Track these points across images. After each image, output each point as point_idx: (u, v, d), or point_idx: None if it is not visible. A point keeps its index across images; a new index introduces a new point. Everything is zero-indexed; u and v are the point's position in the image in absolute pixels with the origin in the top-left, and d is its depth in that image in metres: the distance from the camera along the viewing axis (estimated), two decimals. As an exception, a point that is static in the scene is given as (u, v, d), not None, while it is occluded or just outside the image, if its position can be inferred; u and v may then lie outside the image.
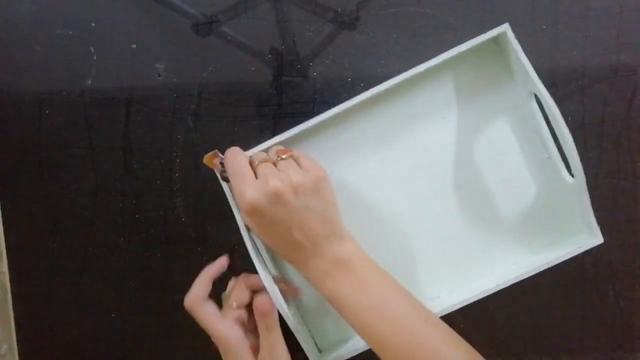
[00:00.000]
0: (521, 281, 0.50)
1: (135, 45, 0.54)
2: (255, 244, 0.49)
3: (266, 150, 0.49)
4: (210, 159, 0.48)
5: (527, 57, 0.48)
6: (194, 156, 0.55)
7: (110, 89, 0.54)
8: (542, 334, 0.56)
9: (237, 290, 0.50)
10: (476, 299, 0.50)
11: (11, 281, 0.56)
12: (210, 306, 0.48)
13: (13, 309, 0.56)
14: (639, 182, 0.55)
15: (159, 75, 0.54)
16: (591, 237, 0.50)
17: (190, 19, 0.54)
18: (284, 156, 0.46)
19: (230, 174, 0.45)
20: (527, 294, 0.55)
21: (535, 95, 0.51)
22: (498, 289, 0.50)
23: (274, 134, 0.50)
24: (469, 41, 0.49)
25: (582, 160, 0.47)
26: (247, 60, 0.54)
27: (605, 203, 0.55)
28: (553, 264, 0.50)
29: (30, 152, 0.55)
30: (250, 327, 0.49)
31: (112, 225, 0.55)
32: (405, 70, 0.53)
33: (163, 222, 0.55)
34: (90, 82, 0.54)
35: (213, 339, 0.48)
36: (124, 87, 0.54)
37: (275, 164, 0.45)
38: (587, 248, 0.50)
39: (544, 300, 0.56)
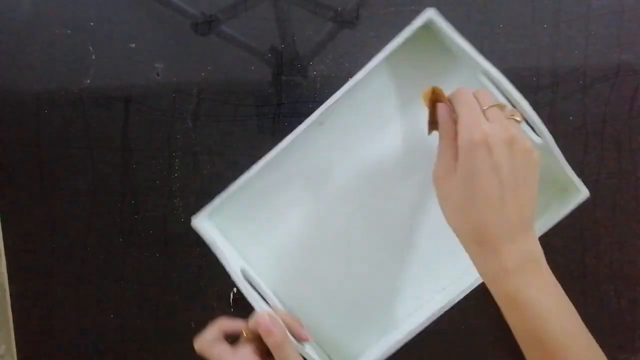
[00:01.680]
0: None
1: (134, 45, 0.54)
2: (250, 283, 0.49)
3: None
4: (431, 97, 0.44)
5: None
6: (193, 156, 0.54)
7: (109, 88, 0.54)
8: (543, 334, 0.56)
9: (250, 322, 0.47)
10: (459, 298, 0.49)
11: (10, 281, 0.56)
12: (221, 345, 0.44)
13: (12, 309, 0.56)
14: (640, 182, 0.55)
15: (158, 75, 0.54)
16: (576, 193, 0.50)
17: (189, 18, 0.54)
18: (518, 118, 0.42)
19: (459, 110, 0.41)
20: (527, 294, 0.55)
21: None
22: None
23: (273, 134, 0.50)
24: (399, 35, 0.48)
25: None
26: (246, 60, 0.54)
27: (606, 203, 0.55)
28: (549, 227, 0.49)
29: (29, 151, 0.55)
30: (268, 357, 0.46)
31: (111, 225, 0.55)
32: (406, 69, 0.53)
33: (162, 222, 0.55)
34: (89, 81, 0.54)
35: None
36: (122, 86, 0.54)
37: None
38: (574, 206, 0.49)
39: (545, 301, 0.55)
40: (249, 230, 0.53)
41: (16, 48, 0.54)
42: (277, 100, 0.54)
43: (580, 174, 0.54)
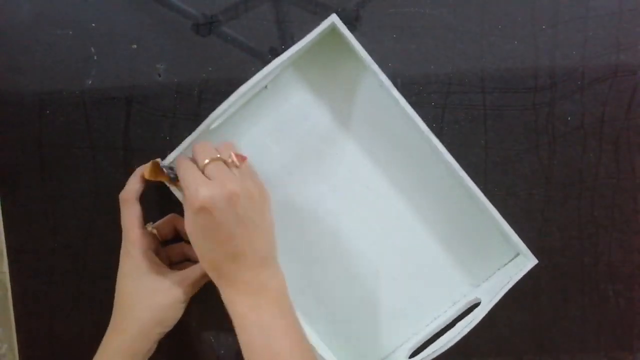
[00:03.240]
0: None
1: (135, 46, 0.54)
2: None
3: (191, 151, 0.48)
4: (154, 170, 0.48)
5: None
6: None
7: (110, 89, 0.54)
8: (542, 334, 0.56)
9: (163, 222, 0.53)
10: (447, 347, 0.49)
11: (11, 281, 0.56)
12: (139, 209, 0.49)
13: (13, 308, 0.56)
14: (638, 182, 0.55)
15: (159, 75, 0.54)
16: (525, 260, 0.51)
17: (190, 19, 0.54)
18: (240, 163, 0.46)
19: (181, 176, 0.45)
20: (527, 294, 0.55)
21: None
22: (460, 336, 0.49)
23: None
24: (302, 40, 0.49)
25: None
26: (247, 60, 0.54)
27: (604, 203, 0.55)
28: (502, 294, 0.49)
29: (30, 152, 0.55)
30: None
31: (112, 225, 0.55)
32: (406, 70, 0.54)
33: (163, 222, 0.55)
34: (90, 82, 0.54)
35: (123, 240, 0.49)
36: (124, 87, 0.54)
37: (227, 165, 0.45)
38: (524, 272, 0.50)
39: (544, 300, 0.56)
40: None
41: (18, 49, 0.54)
42: (278, 101, 0.54)
43: (578, 174, 0.55)
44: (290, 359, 0.43)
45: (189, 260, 0.53)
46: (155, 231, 0.51)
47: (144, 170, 0.48)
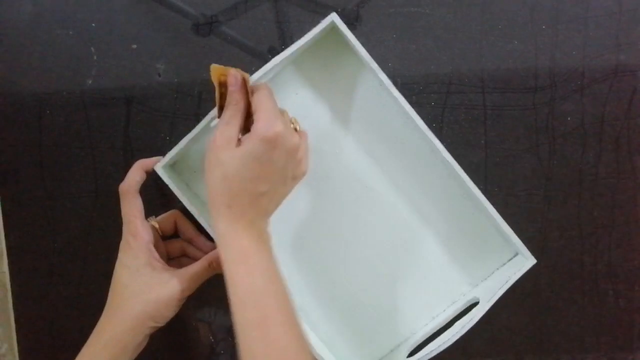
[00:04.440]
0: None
1: (135, 46, 0.54)
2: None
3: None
4: (221, 72, 0.45)
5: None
6: (194, 156, 0.55)
7: (110, 89, 0.54)
8: (542, 334, 0.56)
9: (165, 217, 0.52)
10: (446, 346, 0.49)
11: (12, 281, 0.56)
12: (140, 201, 0.49)
13: (13, 308, 0.56)
14: (638, 182, 0.55)
15: (159, 75, 0.54)
16: (523, 259, 0.51)
17: (190, 19, 0.54)
18: (297, 127, 0.48)
19: (262, 101, 0.44)
20: (527, 294, 0.55)
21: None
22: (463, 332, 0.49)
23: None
24: (302, 38, 0.49)
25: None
26: (247, 60, 0.54)
27: (604, 203, 0.55)
28: (500, 294, 0.49)
29: (30, 152, 0.55)
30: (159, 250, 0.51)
31: (112, 225, 0.55)
32: (406, 70, 0.54)
33: (163, 222, 0.55)
34: (90, 82, 0.54)
35: (124, 231, 0.48)
36: (124, 87, 0.54)
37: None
38: (522, 272, 0.50)
39: (544, 300, 0.56)
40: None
41: (18, 49, 0.54)
42: (278, 101, 0.54)
43: (578, 174, 0.55)
44: (276, 310, 0.42)
45: (186, 256, 0.53)
46: (157, 225, 0.51)
47: (215, 65, 0.45)
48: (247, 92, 0.45)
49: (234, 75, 0.44)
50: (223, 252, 0.43)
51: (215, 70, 0.44)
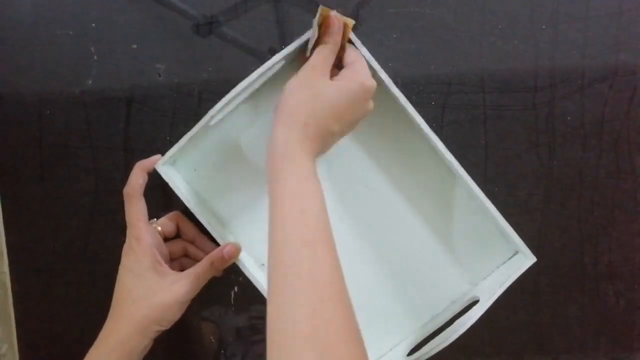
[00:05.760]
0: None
1: (135, 46, 0.54)
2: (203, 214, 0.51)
3: None
4: (326, 14, 0.47)
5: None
6: (194, 156, 0.55)
7: (110, 89, 0.54)
8: (542, 334, 0.56)
9: (166, 219, 0.52)
10: (445, 345, 0.48)
11: (12, 281, 0.56)
12: (144, 204, 0.49)
13: (14, 308, 0.56)
14: (638, 182, 0.55)
15: (160, 76, 0.54)
16: (523, 258, 0.51)
17: (190, 19, 0.54)
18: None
19: (360, 58, 0.48)
20: (527, 293, 0.55)
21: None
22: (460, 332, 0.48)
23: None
24: (300, 38, 0.49)
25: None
26: (247, 61, 0.54)
27: (604, 203, 0.55)
28: (500, 292, 0.49)
29: (30, 152, 0.55)
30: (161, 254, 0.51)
31: (112, 225, 0.55)
32: (406, 70, 0.54)
33: (163, 222, 0.55)
34: (90, 82, 0.54)
35: (128, 235, 0.48)
36: (124, 87, 0.54)
37: None
38: (522, 270, 0.50)
39: (544, 300, 0.56)
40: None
41: (18, 49, 0.54)
42: (278, 101, 0.54)
43: (578, 173, 0.55)
44: (321, 221, 0.42)
45: (188, 257, 0.53)
46: (159, 228, 0.51)
47: (320, 13, 0.47)
48: (345, 36, 0.48)
49: (338, 18, 0.47)
50: (282, 162, 0.43)
51: (324, 9, 0.47)
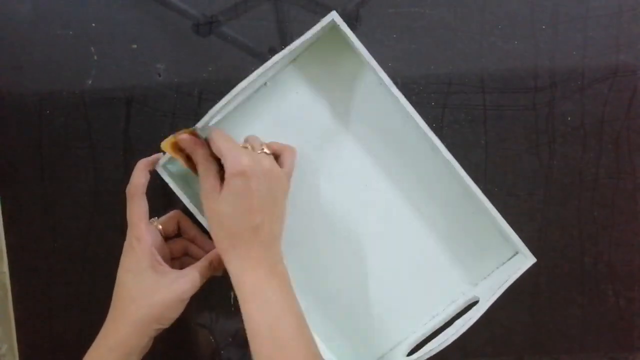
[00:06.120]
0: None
1: (135, 46, 0.54)
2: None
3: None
4: (172, 142, 0.47)
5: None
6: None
7: (110, 88, 0.54)
8: (542, 334, 0.56)
9: (167, 218, 0.53)
10: (445, 345, 0.49)
11: (12, 281, 0.56)
12: (145, 204, 0.49)
13: (14, 308, 0.56)
14: (638, 183, 0.55)
15: (160, 75, 0.54)
16: (523, 258, 0.51)
17: (190, 19, 0.54)
18: (267, 151, 0.49)
19: (220, 145, 0.46)
20: (526, 293, 0.55)
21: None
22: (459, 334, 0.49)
23: (274, 134, 0.50)
24: (302, 36, 0.49)
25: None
26: (247, 60, 0.54)
27: (604, 203, 0.55)
28: (499, 293, 0.49)
29: (30, 152, 0.55)
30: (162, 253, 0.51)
31: (112, 225, 0.55)
32: (406, 70, 0.54)
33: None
34: (90, 82, 0.54)
35: (128, 234, 0.48)
36: (124, 87, 0.54)
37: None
38: (522, 270, 0.50)
39: (544, 300, 0.56)
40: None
41: (18, 49, 0.54)
42: (278, 101, 0.54)
43: (578, 174, 0.55)
44: (291, 341, 0.44)
45: (189, 255, 0.53)
46: (160, 227, 0.51)
47: (163, 143, 0.48)
48: (204, 144, 0.47)
49: (184, 139, 0.47)
50: (236, 291, 0.46)
51: (167, 144, 0.47)
